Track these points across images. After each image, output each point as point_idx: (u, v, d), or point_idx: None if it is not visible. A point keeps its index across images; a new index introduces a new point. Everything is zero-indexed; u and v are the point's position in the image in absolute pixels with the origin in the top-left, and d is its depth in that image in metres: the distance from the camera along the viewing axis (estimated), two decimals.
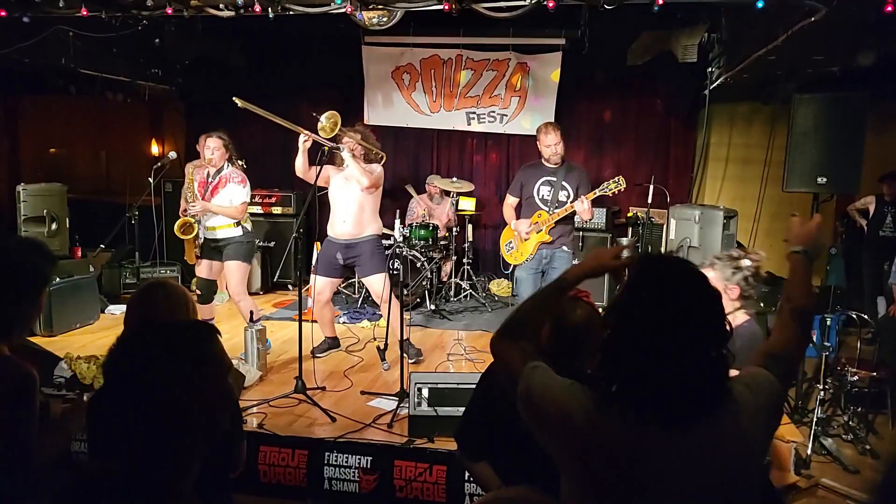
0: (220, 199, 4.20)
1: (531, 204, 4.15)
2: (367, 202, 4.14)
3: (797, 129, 3.60)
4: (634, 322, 1.14)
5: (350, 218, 4.13)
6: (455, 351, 4.59)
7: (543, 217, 4.09)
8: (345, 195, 4.15)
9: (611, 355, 1.17)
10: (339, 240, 4.16)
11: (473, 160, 6.93)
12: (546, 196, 4.12)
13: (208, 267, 4.31)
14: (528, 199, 4.17)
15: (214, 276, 4.39)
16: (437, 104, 6.60)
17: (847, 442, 3.48)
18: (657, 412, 1.10)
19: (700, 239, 3.71)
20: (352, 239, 4.15)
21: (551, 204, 4.09)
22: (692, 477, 1.12)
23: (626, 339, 1.15)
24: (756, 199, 5.52)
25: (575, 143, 6.65)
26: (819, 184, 3.56)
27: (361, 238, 4.15)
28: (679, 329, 1.11)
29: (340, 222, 4.15)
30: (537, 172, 4.17)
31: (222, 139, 4.22)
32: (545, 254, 4.13)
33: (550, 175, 4.12)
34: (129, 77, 6.12)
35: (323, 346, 4.38)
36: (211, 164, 4.19)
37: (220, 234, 4.22)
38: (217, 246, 4.26)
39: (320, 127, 3.97)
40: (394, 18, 4.48)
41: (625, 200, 6.51)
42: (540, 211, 4.11)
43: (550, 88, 6.25)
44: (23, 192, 4.92)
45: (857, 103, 3.51)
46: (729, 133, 6.41)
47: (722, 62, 5.10)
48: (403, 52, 6.51)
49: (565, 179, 4.10)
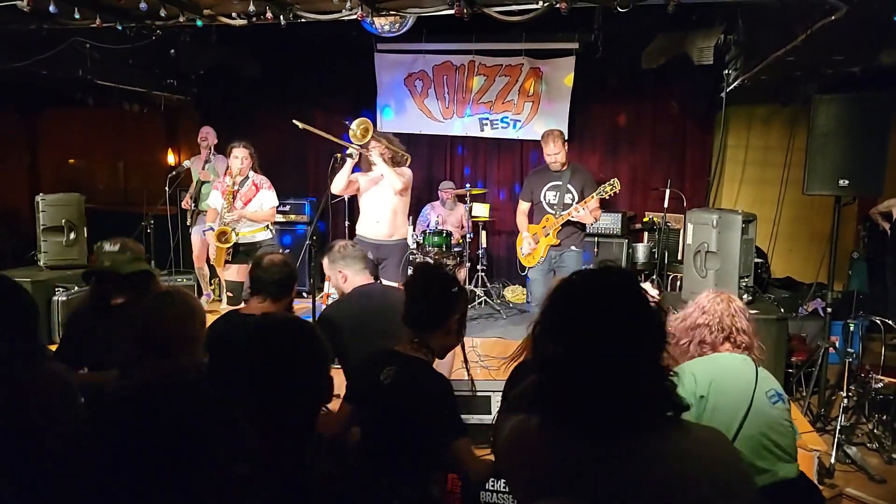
0: (253, 206, 4.53)
1: (540, 209, 4.39)
2: (399, 205, 4.29)
3: (818, 130, 3.53)
4: (553, 340, 1.12)
5: (384, 220, 4.26)
6: (470, 358, 4.53)
7: (550, 221, 4.31)
8: (378, 198, 4.26)
9: (543, 376, 1.15)
10: (370, 239, 4.25)
11: (487, 166, 6.91)
12: (552, 200, 4.34)
13: (237, 271, 4.57)
14: (538, 205, 4.41)
15: (243, 279, 4.56)
16: (449, 110, 6.59)
17: (872, 451, 3.38)
18: (583, 425, 1.07)
19: (718, 244, 3.63)
20: (384, 240, 4.27)
21: (557, 207, 4.30)
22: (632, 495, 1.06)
23: (552, 358, 1.12)
24: (775, 203, 5.43)
25: (590, 148, 6.61)
26: (841, 186, 3.48)
27: (392, 241, 4.29)
28: (598, 343, 1.07)
29: (374, 223, 4.26)
30: (543, 178, 4.39)
31: (248, 148, 4.54)
32: (554, 255, 4.36)
33: (556, 179, 4.33)
34: (144, 88, 6.20)
35: None
36: (241, 172, 4.48)
37: (257, 237, 4.55)
38: (247, 250, 4.49)
39: (352, 133, 4.09)
40: (405, 25, 4.50)
41: (640, 205, 6.44)
42: (548, 215, 4.34)
43: (564, 93, 6.21)
44: (42, 203, 4.99)
45: (881, 104, 3.43)
46: (747, 136, 6.31)
47: (739, 64, 5.02)
48: (416, 59, 6.52)
49: (570, 182, 4.30)
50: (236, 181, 4.46)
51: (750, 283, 3.73)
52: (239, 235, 4.47)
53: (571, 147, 6.48)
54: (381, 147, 4.15)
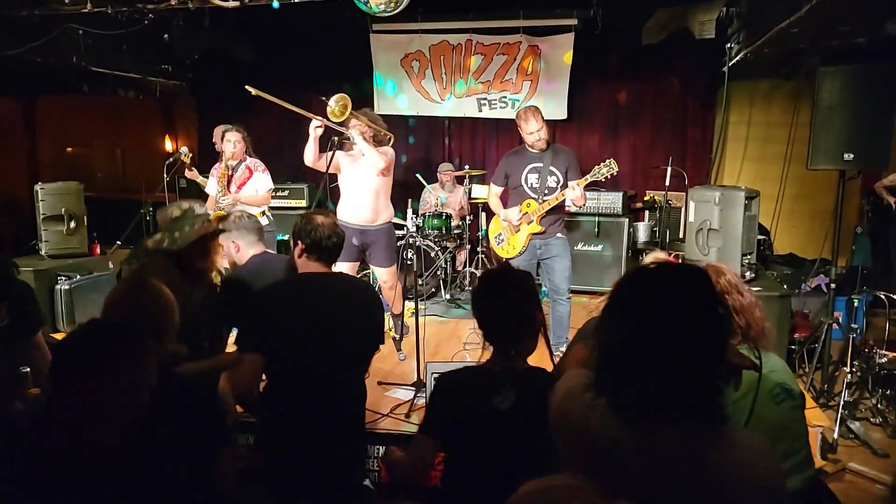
0: (248, 189, 4.43)
1: (519, 193, 3.97)
2: (381, 188, 4.10)
3: (822, 103, 3.47)
4: (616, 326, 1.15)
5: (366, 203, 4.08)
6: (471, 340, 4.55)
7: (533, 206, 3.91)
8: (359, 181, 4.08)
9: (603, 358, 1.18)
10: (354, 224, 4.08)
11: (486, 147, 6.85)
12: (534, 184, 3.92)
13: None
14: (517, 189, 3.98)
15: None
16: (447, 91, 6.52)
17: (875, 425, 3.38)
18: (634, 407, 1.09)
19: (721, 221, 3.60)
20: (368, 225, 4.10)
21: (540, 192, 3.90)
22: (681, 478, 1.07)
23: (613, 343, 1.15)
24: (778, 179, 5.38)
25: (589, 126, 6.54)
26: (846, 160, 3.43)
27: (376, 225, 4.12)
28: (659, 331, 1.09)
29: (356, 207, 4.10)
30: (523, 159, 3.96)
31: (241, 132, 4.44)
32: (538, 244, 3.97)
33: (537, 161, 3.93)
34: (139, 74, 6.15)
35: None
36: (234, 157, 4.39)
37: None
38: None
39: (329, 111, 3.86)
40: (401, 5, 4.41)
41: (641, 184, 6.39)
42: (529, 200, 3.92)
43: (563, 71, 6.13)
44: (41, 192, 4.97)
45: (888, 75, 3.36)
46: (749, 111, 6.23)
47: (741, 37, 4.94)
48: (412, 39, 6.43)
49: (553, 164, 3.91)
50: (230, 165, 4.42)
51: (753, 261, 3.71)
52: None
53: (570, 126, 6.46)
54: (360, 125, 3.97)
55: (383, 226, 4.15)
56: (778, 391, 1.76)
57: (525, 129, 3.89)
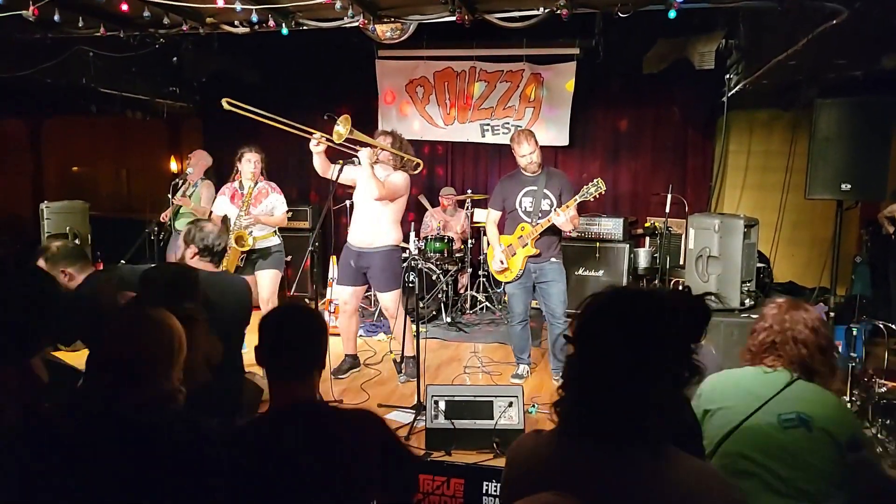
0: (261, 209, 4.47)
1: (515, 217, 4.02)
2: (382, 212, 4.00)
3: (820, 134, 3.53)
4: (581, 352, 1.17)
5: (365, 226, 4.03)
6: (472, 363, 4.55)
7: (527, 230, 3.94)
8: (361, 202, 4.07)
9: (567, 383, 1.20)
10: (353, 246, 4.07)
11: (488, 172, 6.92)
12: (528, 207, 3.96)
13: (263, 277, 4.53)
14: (512, 213, 4.03)
15: (270, 285, 4.58)
16: (450, 116, 6.61)
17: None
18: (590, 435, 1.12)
19: (720, 248, 3.63)
20: (364, 248, 4.02)
21: (534, 215, 3.93)
22: None
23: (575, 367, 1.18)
24: (777, 208, 5.42)
25: (591, 153, 6.61)
26: (843, 190, 3.48)
27: (373, 248, 4.01)
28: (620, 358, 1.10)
29: (357, 228, 4.08)
30: (517, 184, 4.02)
31: (260, 153, 4.51)
32: (533, 268, 3.99)
33: (531, 184, 3.97)
34: (147, 95, 6.24)
35: (344, 367, 4.26)
36: (253, 177, 4.47)
37: (267, 242, 4.52)
38: (259, 255, 4.49)
39: (335, 132, 3.79)
40: (407, 32, 4.51)
41: (642, 210, 6.43)
42: (523, 224, 3.97)
43: (565, 99, 6.23)
44: (46, 210, 5.03)
45: (883, 107, 3.43)
46: (748, 141, 6.31)
47: (740, 68, 5.04)
48: (417, 66, 6.54)
49: (546, 187, 3.95)
50: (249, 185, 4.46)
51: (752, 288, 3.73)
52: (256, 241, 4.43)
53: (572, 153, 6.54)
54: (377, 150, 3.91)
55: (382, 249, 4.01)
56: (791, 417, 1.75)
57: (518, 151, 3.94)
